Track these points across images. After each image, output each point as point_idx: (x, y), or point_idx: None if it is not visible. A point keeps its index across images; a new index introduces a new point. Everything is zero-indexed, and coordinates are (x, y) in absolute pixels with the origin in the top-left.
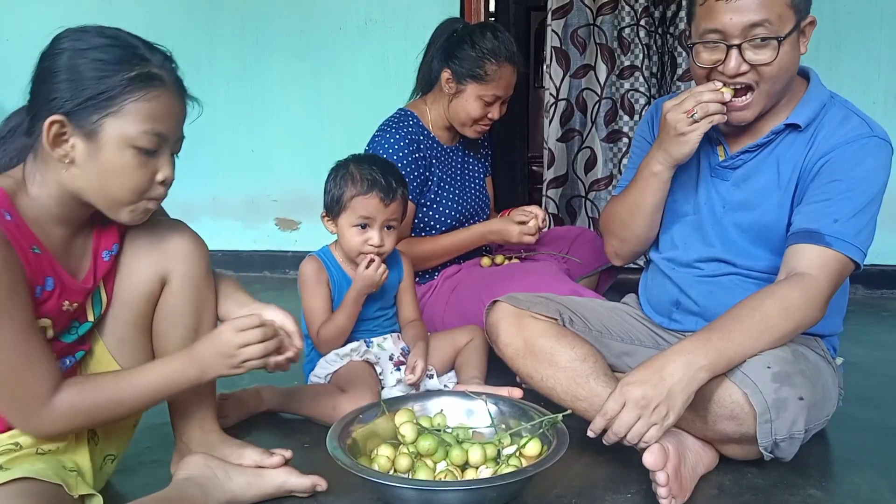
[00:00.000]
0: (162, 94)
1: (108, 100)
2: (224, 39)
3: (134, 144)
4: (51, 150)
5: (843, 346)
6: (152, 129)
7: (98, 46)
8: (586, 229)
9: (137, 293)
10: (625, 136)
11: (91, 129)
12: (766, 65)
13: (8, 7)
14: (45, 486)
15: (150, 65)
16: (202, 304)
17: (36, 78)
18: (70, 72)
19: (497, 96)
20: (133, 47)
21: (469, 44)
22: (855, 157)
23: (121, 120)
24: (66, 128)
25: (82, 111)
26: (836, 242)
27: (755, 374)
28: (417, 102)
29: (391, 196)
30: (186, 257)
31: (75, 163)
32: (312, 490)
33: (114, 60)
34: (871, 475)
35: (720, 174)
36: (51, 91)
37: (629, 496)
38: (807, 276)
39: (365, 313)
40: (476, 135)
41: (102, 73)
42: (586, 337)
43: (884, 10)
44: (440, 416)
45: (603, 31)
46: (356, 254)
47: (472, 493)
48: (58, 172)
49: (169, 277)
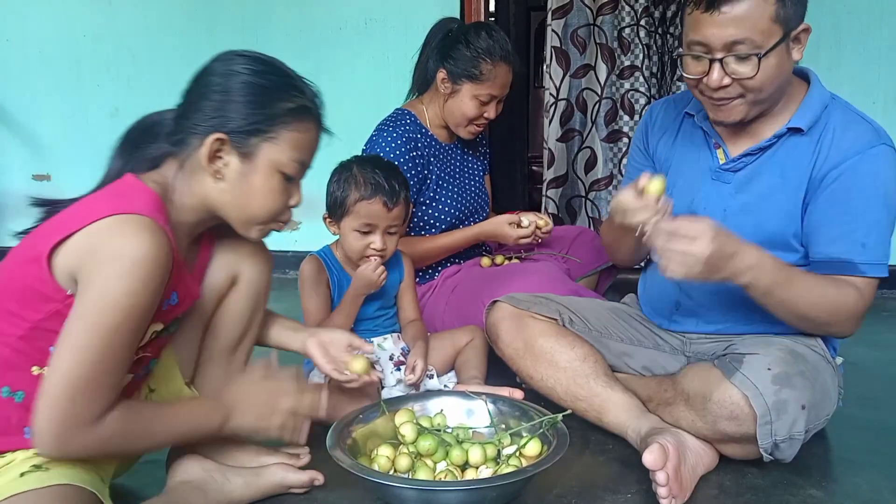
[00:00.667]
0: (312, 126)
1: (268, 126)
2: (224, 39)
3: (282, 170)
4: (206, 164)
5: (843, 346)
6: (299, 158)
7: (263, 74)
8: (586, 229)
9: (212, 293)
10: (625, 136)
11: (248, 151)
12: (749, 78)
13: (8, 7)
14: (82, 494)
15: (305, 98)
16: (256, 310)
17: (195, 92)
18: (237, 94)
19: (493, 95)
20: (291, 79)
21: (464, 43)
22: (871, 172)
23: (276, 146)
24: (226, 146)
25: (244, 133)
26: (869, 269)
27: (755, 376)
28: (414, 102)
29: (395, 201)
30: (256, 264)
31: (225, 179)
32: (310, 485)
33: (277, 90)
34: (871, 475)
35: (721, 177)
36: (215, 109)
37: (629, 496)
38: (856, 293)
39: (365, 313)
40: (470, 135)
41: (267, 100)
42: (586, 337)
43: (884, 10)
44: (440, 416)
45: (603, 30)
46: (358, 257)
47: (472, 493)
48: (204, 185)
49: (238, 279)
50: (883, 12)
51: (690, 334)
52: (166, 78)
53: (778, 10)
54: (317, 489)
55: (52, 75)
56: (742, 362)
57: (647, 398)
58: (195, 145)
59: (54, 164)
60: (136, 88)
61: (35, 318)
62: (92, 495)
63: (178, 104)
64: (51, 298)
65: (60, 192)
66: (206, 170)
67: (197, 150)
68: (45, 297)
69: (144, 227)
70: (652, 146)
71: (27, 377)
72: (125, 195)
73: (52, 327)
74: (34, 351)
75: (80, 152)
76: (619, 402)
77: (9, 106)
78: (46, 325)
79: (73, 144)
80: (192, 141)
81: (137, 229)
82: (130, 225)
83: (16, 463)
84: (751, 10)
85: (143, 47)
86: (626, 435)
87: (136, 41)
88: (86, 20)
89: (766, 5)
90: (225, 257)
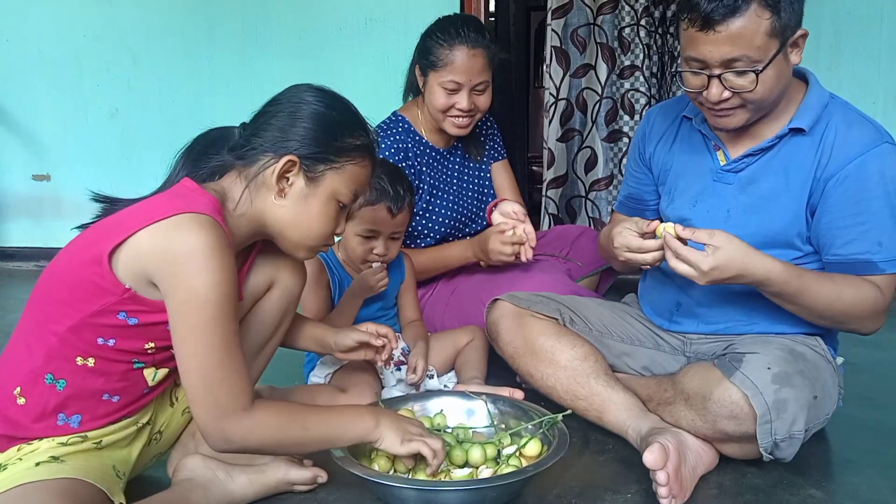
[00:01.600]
0: (369, 164)
1: (337, 157)
2: (224, 40)
3: (340, 199)
4: (274, 181)
5: (843, 346)
6: (356, 190)
7: (338, 109)
8: (587, 229)
9: (249, 295)
10: (625, 136)
11: (314, 176)
12: (749, 91)
13: (8, 7)
14: (88, 489)
15: (369, 137)
16: (285, 316)
17: (267, 114)
18: (313, 122)
19: (456, 82)
20: (358, 116)
21: (427, 34)
22: (877, 171)
23: (339, 176)
24: (295, 168)
25: (314, 159)
26: (889, 266)
27: (755, 375)
28: (410, 105)
29: (399, 207)
30: (292, 274)
31: (286, 198)
32: (314, 481)
33: (349, 126)
34: (871, 475)
35: (723, 178)
36: (290, 132)
37: (629, 496)
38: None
39: (366, 313)
40: (455, 129)
41: (338, 133)
42: (587, 336)
43: (884, 10)
44: (440, 416)
45: (603, 30)
46: (360, 262)
47: (472, 493)
48: (266, 200)
49: (274, 284)
50: (883, 12)
51: (691, 334)
52: (166, 78)
53: (773, 24)
54: (318, 489)
55: (52, 75)
56: (742, 361)
57: (647, 398)
58: (263, 162)
59: (54, 164)
60: (136, 88)
61: (88, 311)
62: (100, 492)
63: (248, 122)
64: (109, 292)
65: (60, 192)
66: (271, 187)
67: (265, 166)
68: (103, 290)
69: (207, 224)
70: (648, 153)
71: (71, 367)
72: (185, 196)
73: (104, 321)
74: (81, 342)
75: (80, 152)
76: (619, 401)
77: (9, 106)
78: (98, 318)
79: (73, 144)
80: (261, 158)
81: (200, 226)
82: (194, 222)
83: (37, 452)
84: (745, 27)
85: (143, 47)
86: (627, 435)
87: (136, 41)
88: (86, 20)
89: (760, 21)
90: (265, 262)
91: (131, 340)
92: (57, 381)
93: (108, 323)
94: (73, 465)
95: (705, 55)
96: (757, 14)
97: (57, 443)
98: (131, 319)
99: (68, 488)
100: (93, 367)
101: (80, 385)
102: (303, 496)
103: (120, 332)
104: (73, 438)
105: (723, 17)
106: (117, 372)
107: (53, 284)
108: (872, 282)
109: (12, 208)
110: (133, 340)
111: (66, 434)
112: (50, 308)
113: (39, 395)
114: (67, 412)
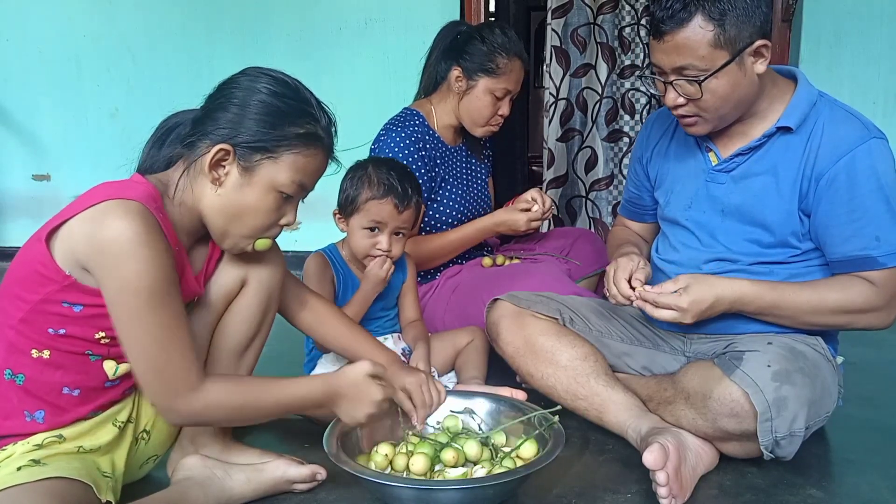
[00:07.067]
0: (318, 153)
1: (273, 147)
2: (224, 40)
3: (279, 190)
4: (208, 170)
5: (843, 346)
6: (300, 180)
7: (282, 96)
8: (587, 230)
9: (222, 294)
10: (626, 136)
11: (249, 166)
12: (697, 99)
13: (8, 7)
14: (74, 486)
15: (317, 126)
16: (267, 312)
17: (216, 100)
18: (250, 110)
19: (507, 90)
20: (308, 104)
21: (479, 39)
22: (868, 167)
23: (276, 166)
24: (229, 157)
25: (248, 148)
26: (889, 259)
27: (755, 373)
28: (423, 102)
29: (406, 203)
30: (267, 266)
31: (223, 186)
32: (313, 479)
33: (290, 113)
34: (871, 475)
35: (716, 178)
36: (226, 120)
37: (629, 496)
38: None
39: (368, 313)
40: (486, 134)
41: (278, 121)
42: (587, 336)
43: (884, 10)
44: (452, 419)
45: (603, 30)
46: (363, 255)
47: (469, 492)
48: (204, 189)
49: (248, 280)
50: (883, 12)
51: (690, 334)
52: (166, 78)
53: (717, 36)
54: (317, 489)
55: (52, 75)
56: (742, 360)
57: (647, 398)
58: (203, 150)
59: (54, 164)
60: (136, 88)
61: (34, 300)
62: (87, 489)
63: (199, 108)
64: (51, 280)
65: (60, 192)
66: (207, 175)
67: (204, 154)
68: (45, 278)
69: (133, 210)
70: (646, 158)
71: (28, 360)
72: (121, 185)
73: (51, 309)
74: (34, 333)
75: (80, 152)
76: (619, 401)
77: (9, 106)
78: (45, 307)
79: (73, 144)
80: (202, 146)
81: (126, 212)
82: (120, 208)
83: (15, 457)
84: (689, 38)
85: (143, 47)
86: (627, 434)
87: (136, 41)
88: (86, 20)
89: (704, 32)
90: (234, 261)
91: (80, 328)
92: (16, 376)
93: (55, 311)
94: (55, 466)
95: (659, 62)
96: (700, 26)
97: (33, 445)
98: (76, 307)
99: (53, 488)
100: (49, 359)
101: (38, 378)
102: (302, 496)
103: (68, 322)
104: (49, 438)
105: (670, 28)
106: (74, 364)
107: (9, 279)
108: (865, 278)
109: (12, 208)
110: (82, 328)
111: (37, 432)
112: (4, 302)
113: (2, 393)
114: (31, 408)
